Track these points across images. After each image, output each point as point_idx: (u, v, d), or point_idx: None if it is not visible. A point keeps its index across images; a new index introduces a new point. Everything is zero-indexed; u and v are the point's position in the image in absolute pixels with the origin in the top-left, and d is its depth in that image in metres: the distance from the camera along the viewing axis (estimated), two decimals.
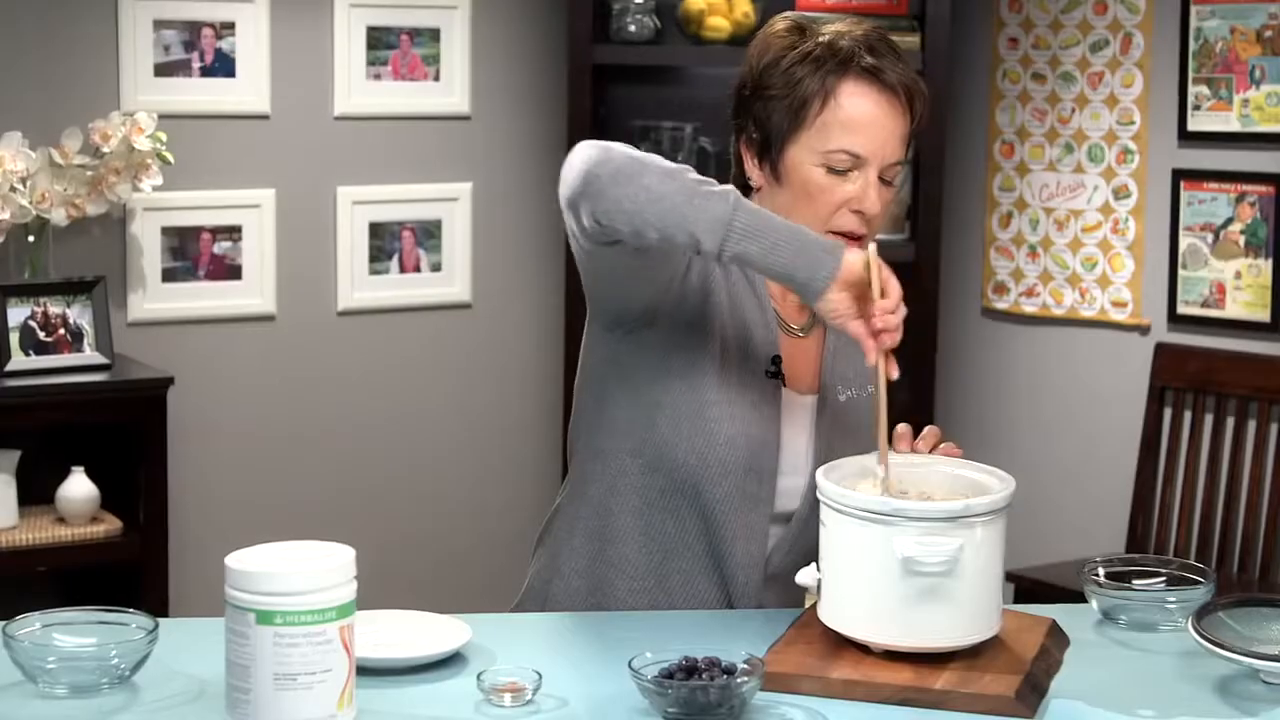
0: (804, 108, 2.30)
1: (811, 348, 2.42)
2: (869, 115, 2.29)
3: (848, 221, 2.31)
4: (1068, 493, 4.66)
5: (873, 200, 2.30)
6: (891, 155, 2.31)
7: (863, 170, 2.29)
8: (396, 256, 4.59)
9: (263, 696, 1.83)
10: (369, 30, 4.49)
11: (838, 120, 2.29)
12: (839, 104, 2.29)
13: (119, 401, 3.96)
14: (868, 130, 2.29)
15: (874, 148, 2.29)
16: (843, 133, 2.29)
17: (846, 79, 2.30)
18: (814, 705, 2.00)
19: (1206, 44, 4.37)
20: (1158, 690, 2.08)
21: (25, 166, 3.93)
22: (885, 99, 2.30)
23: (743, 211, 2.10)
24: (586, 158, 2.16)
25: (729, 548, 2.34)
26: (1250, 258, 4.32)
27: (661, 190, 2.13)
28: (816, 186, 2.30)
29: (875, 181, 2.30)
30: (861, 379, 2.45)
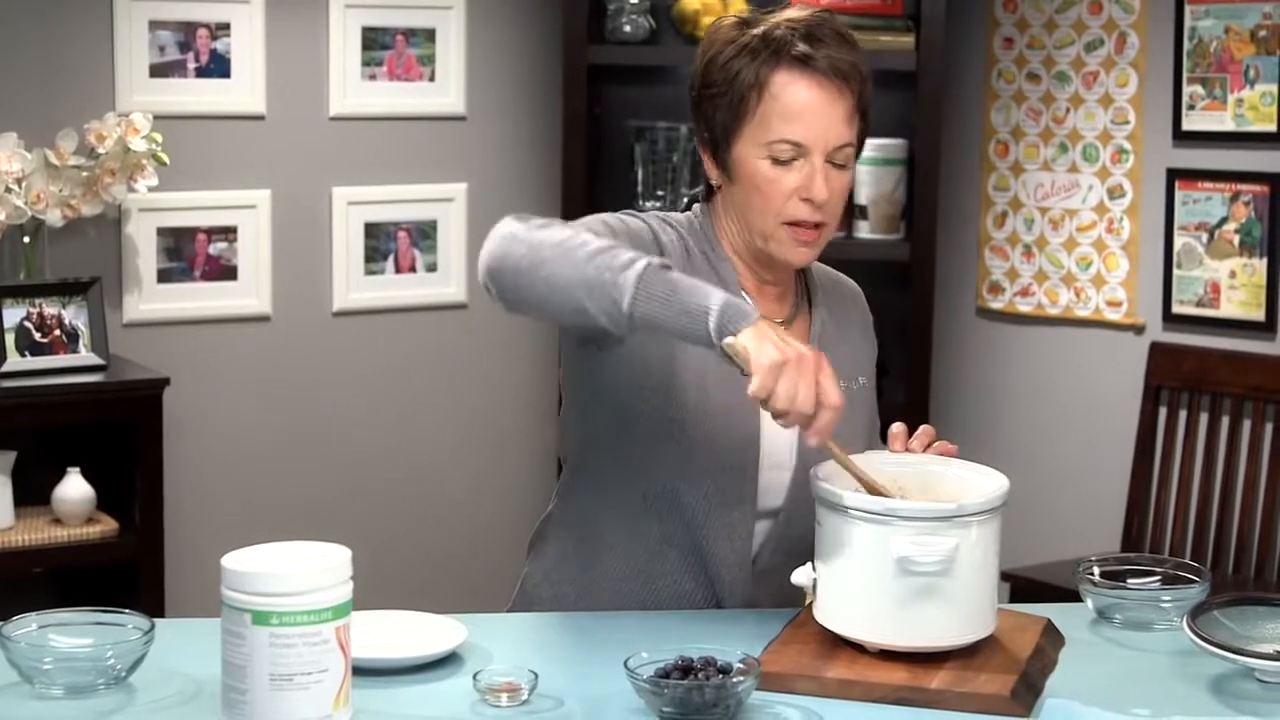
0: (743, 101, 2.30)
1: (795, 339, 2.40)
2: (805, 102, 2.29)
3: (799, 210, 2.30)
4: (1063, 492, 4.67)
5: (820, 186, 2.28)
6: (835, 139, 2.30)
7: (807, 158, 2.29)
8: (392, 257, 4.59)
9: (259, 697, 1.83)
10: (364, 31, 4.49)
11: (775, 111, 2.29)
12: (774, 94, 2.29)
13: (115, 402, 3.96)
14: (806, 118, 2.29)
15: (814, 134, 2.29)
16: (781, 122, 2.29)
17: (779, 68, 2.30)
18: (809, 705, 2.00)
19: (1201, 43, 4.38)
20: (1153, 689, 2.08)
21: (20, 167, 3.93)
22: (820, 84, 2.29)
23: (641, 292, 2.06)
24: (490, 251, 2.16)
25: (713, 546, 2.34)
26: (1245, 257, 4.33)
27: (562, 281, 2.11)
28: (763, 179, 2.30)
29: (822, 167, 2.29)
30: (850, 369, 2.44)
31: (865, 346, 2.55)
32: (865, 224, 4.40)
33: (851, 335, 2.52)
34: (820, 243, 2.34)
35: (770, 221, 2.31)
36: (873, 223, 4.39)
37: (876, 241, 4.40)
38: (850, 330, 2.52)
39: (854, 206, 4.41)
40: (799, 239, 2.32)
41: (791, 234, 2.31)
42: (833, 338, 2.44)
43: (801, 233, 2.31)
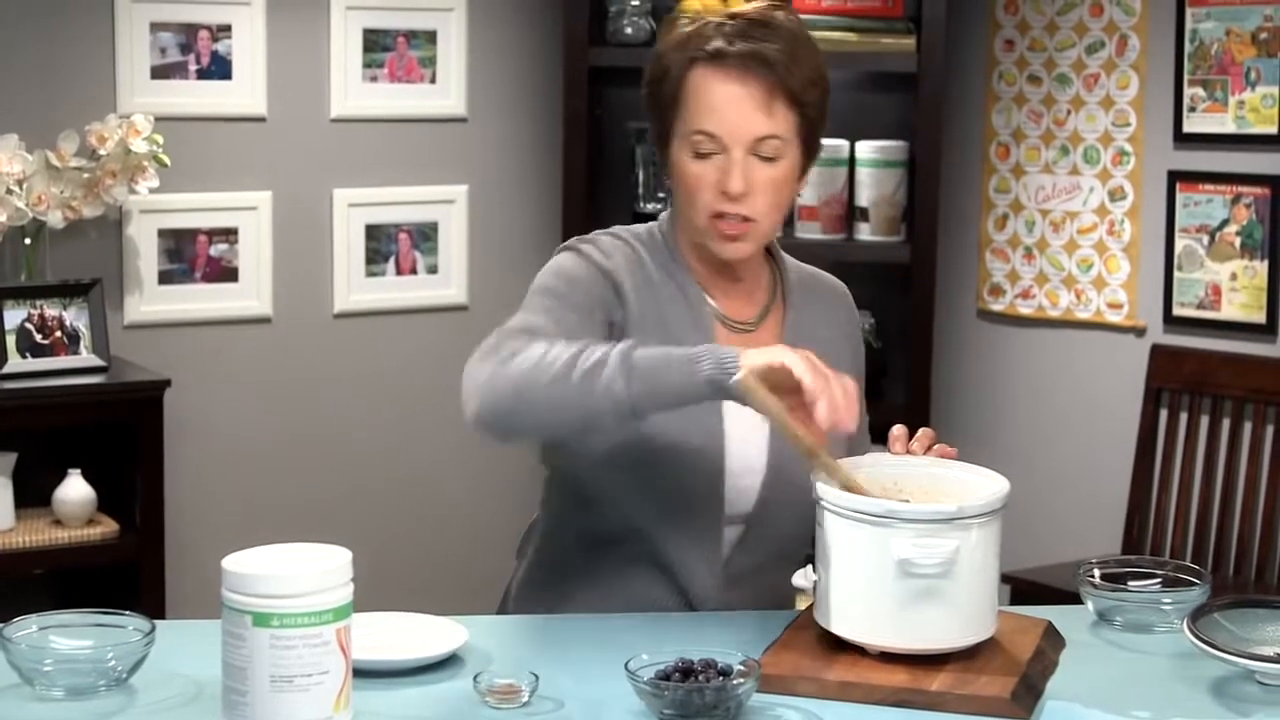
0: (672, 100, 2.32)
1: (766, 341, 2.39)
2: (720, 94, 2.29)
3: (718, 203, 2.29)
4: (1063, 494, 4.66)
5: (735, 179, 2.27)
6: (754, 130, 2.28)
7: (726, 152, 2.28)
8: (393, 259, 4.59)
9: (260, 698, 1.83)
10: (365, 32, 4.49)
11: (692, 105, 2.30)
12: (691, 89, 2.30)
13: (115, 404, 3.96)
14: (720, 108, 2.28)
15: (729, 126, 2.28)
16: (698, 115, 2.30)
17: (697, 64, 2.31)
18: (810, 707, 2.00)
19: (1202, 46, 4.38)
20: (1153, 691, 2.08)
21: (22, 169, 3.93)
22: (734, 77, 2.28)
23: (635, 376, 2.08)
24: (475, 404, 2.19)
25: (683, 555, 2.34)
26: (1246, 259, 4.33)
27: (555, 406, 2.13)
28: (689, 175, 2.31)
29: (741, 160, 2.28)
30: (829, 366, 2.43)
31: (847, 348, 2.52)
32: (866, 226, 4.40)
33: (831, 336, 2.48)
34: (751, 237, 2.32)
35: (699, 217, 2.32)
36: (873, 225, 4.39)
37: (877, 244, 4.40)
38: (830, 331, 2.49)
39: (854, 209, 4.42)
40: (724, 233, 2.31)
41: (717, 228, 2.31)
42: (806, 339, 2.40)
43: (725, 226, 2.30)
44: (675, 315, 2.35)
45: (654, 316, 2.34)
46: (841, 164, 4.41)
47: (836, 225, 4.42)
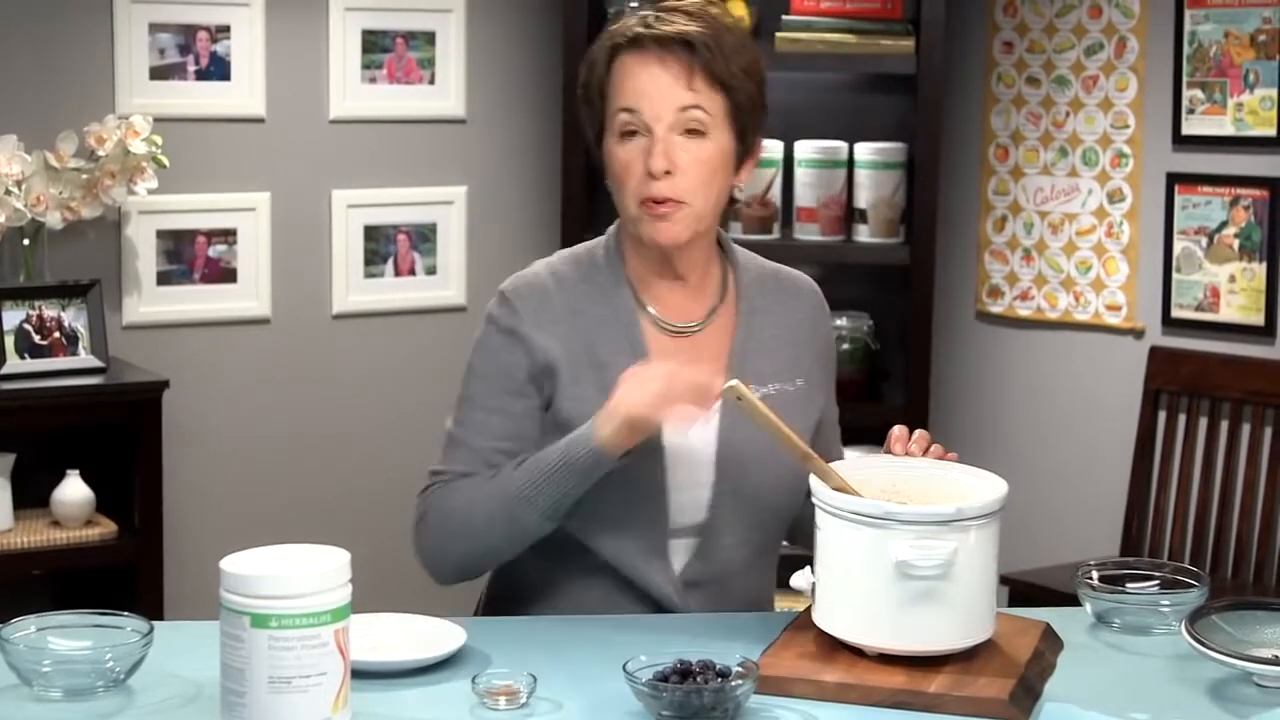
0: (599, 92, 2.34)
1: (711, 347, 2.40)
2: (638, 73, 2.31)
3: (645, 186, 2.29)
4: (1062, 496, 4.66)
5: (658, 157, 2.28)
6: (674, 102, 2.29)
7: (649, 131, 2.29)
8: (391, 260, 4.59)
9: (258, 700, 1.83)
10: (364, 33, 4.49)
11: (617, 88, 2.32)
12: (614, 75, 2.32)
13: (114, 404, 3.96)
14: (639, 85, 2.30)
15: (649, 100, 2.29)
16: (618, 95, 2.32)
17: (619, 53, 2.33)
18: (808, 709, 2.01)
19: (1201, 48, 4.38)
20: (1151, 693, 2.08)
21: (20, 170, 3.93)
22: (654, 55, 2.30)
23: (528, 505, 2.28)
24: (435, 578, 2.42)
25: (640, 568, 2.34)
26: (1244, 261, 4.33)
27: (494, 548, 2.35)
28: (617, 161, 2.32)
29: (664, 137, 2.28)
30: (785, 370, 2.42)
31: (811, 348, 2.49)
32: (865, 228, 4.40)
33: (793, 336, 2.46)
34: (681, 219, 2.31)
35: (630, 204, 2.32)
36: (872, 226, 4.39)
37: (876, 245, 4.40)
38: (792, 331, 2.47)
39: (853, 210, 4.42)
40: (653, 214, 2.30)
41: (647, 211, 2.31)
42: (761, 340, 2.42)
43: (653, 208, 2.30)
44: (603, 340, 2.36)
45: (581, 345, 2.35)
46: (840, 165, 4.41)
47: (835, 227, 4.42)
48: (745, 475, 2.35)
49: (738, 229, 4.42)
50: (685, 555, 2.37)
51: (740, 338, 2.40)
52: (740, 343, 2.40)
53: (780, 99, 4.54)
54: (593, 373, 2.34)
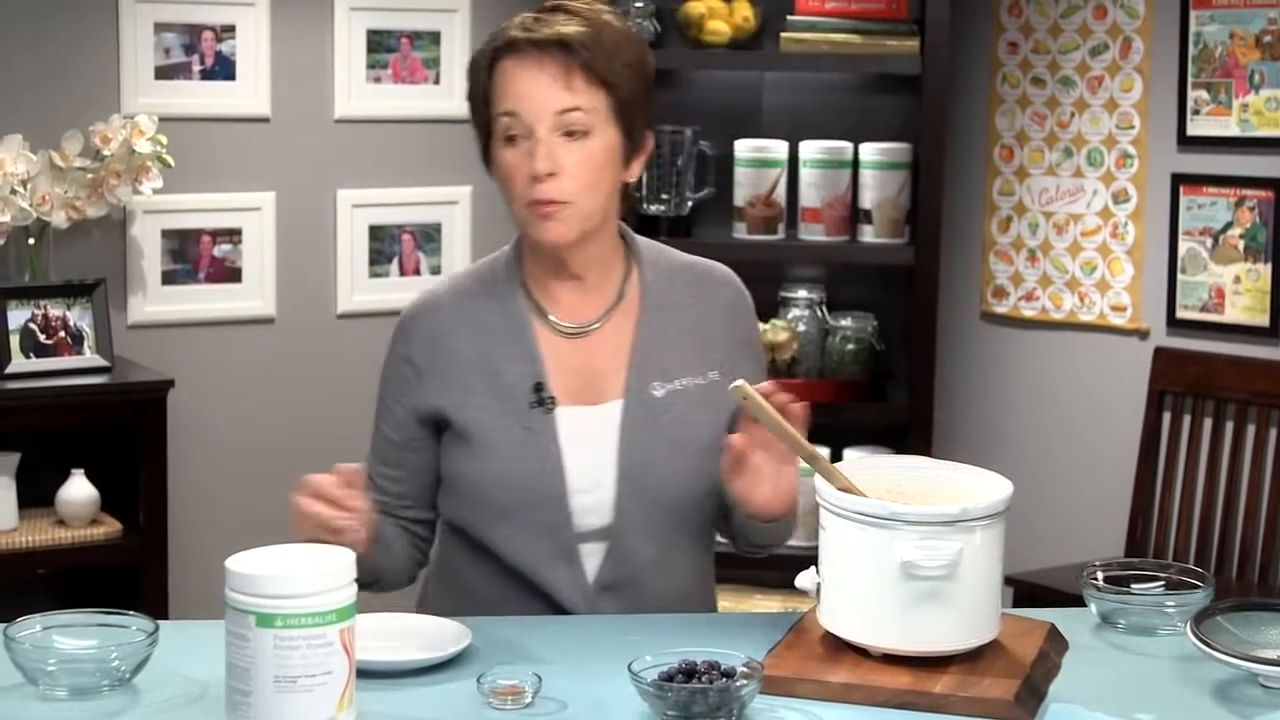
0: (483, 99, 2.36)
1: (611, 347, 2.40)
2: (517, 76, 2.31)
3: (531, 190, 2.30)
4: (1067, 497, 4.66)
5: (540, 159, 2.28)
6: (554, 104, 2.29)
7: (531, 134, 2.30)
8: (396, 259, 4.59)
9: (263, 699, 1.83)
10: (369, 33, 4.50)
11: (498, 94, 2.33)
12: (495, 81, 2.34)
13: (119, 404, 3.97)
14: (518, 88, 2.31)
15: (529, 103, 2.29)
16: (499, 100, 2.33)
17: (499, 59, 2.34)
18: (813, 709, 2.01)
19: (1206, 48, 4.37)
20: (1156, 694, 2.08)
21: (26, 169, 3.94)
22: (532, 58, 2.31)
23: None
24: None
25: (547, 575, 2.35)
26: (1249, 262, 4.32)
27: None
28: (505, 165, 2.33)
29: (546, 139, 2.29)
30: (695, 364, 2.40)
31: (727, 339, 2.45)
32: (870, 228, 4.40)
33: (704, 329, 2.44)
34: (567, 219, 2.31)
35: (518, 207, 2.33)
36: (877, 227, 4.39)
37: (881, 246, 4.40)
38: (703, 324, 2.44)
39: (858, 211, 4.42)
40: (539, 215, 2.31)
41: (534, 212, 2.31)
42: (667, 335, 2.41)
43: (539, 209, 2.30)
44: (498, 348, 2.38)
45: (476, 358, 2.38)
46: (845, 166, 4.41)
47: (840, 227, 4.42)
48: (649, 474, 2.34)
49: (742, 229, 4.42)
50: (597, 558, 2.37)
51: (642, 334, 2.40)
52: (642, 339, 2.39)
53: (785, 99, 4.62)
54: (487, 381, 2.36)
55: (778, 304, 4.49)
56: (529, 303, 2.40)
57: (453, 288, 2.45)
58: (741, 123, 4.54)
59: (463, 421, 2.36)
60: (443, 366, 2.38)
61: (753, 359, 2.49)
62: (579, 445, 2.35)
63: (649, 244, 2.49)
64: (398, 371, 2.44)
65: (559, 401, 2.35)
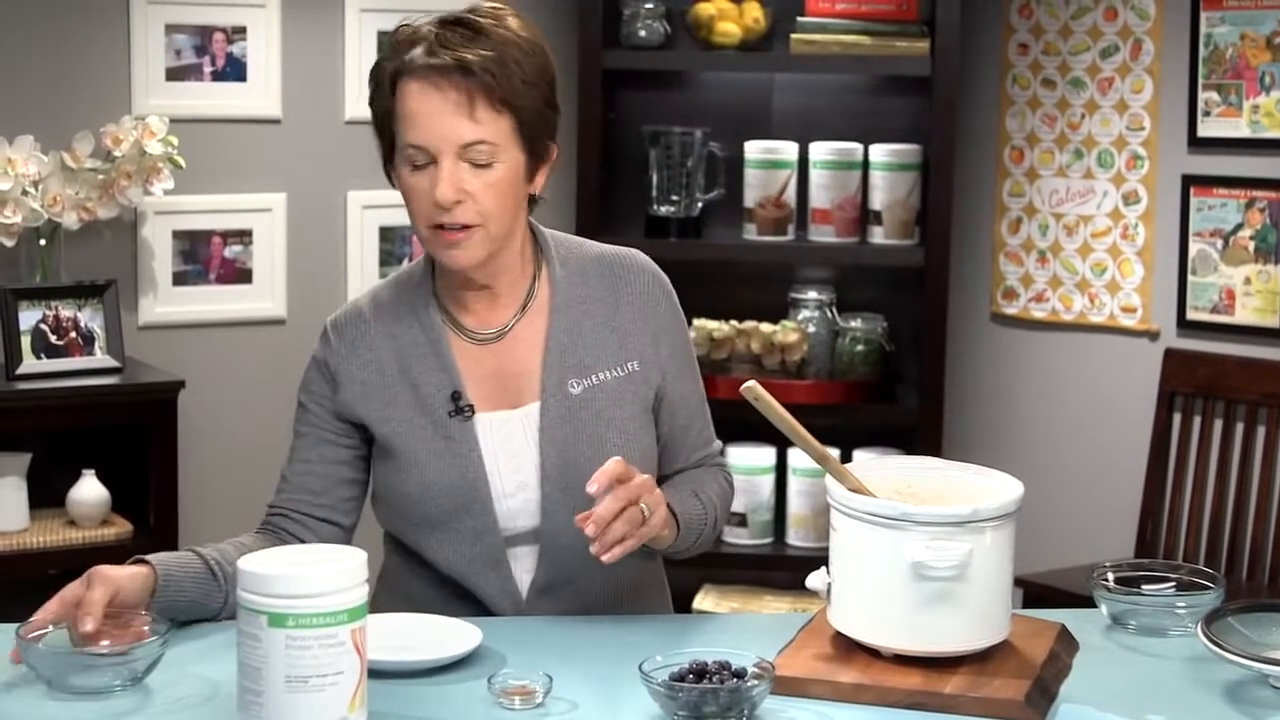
0: (385, 113, 2.33)
1: (522, 349, 2.40)
2: (420, 106, 2.28)
3: (437, 216, 2.29)
4: (1077, 498, 4.66)
5: (443, 189, 2.26)
6: (458, 137, 2.26)
7: (436, 161, 2.28)
8: (406, 260, 4.59)
9: (275, 698, 1.84)
10: (379, 34, 4.50)
11: (403, 118, 2.30)
12: (399, 102, 2.30)
13: (130, 405, 3.97)
14: (421, 121, 2.28)
15: (433, 137, 2.27)
16: (406, 129, 2.30)
17: (400, 78, 2.30)
18: (824, 709, 2.01)
19: (1216, 50, 4.37)
20: (1167, 695, 2.08)
21: (37, 170, 3.95)
22: (433, 84, 2.27)
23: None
24: None
25: (477, 582, 2.35)
26: (1260, 263, 4.32)
27: None
28: (409, 188, 2.32)
29: (450, 168, 2.26)
30: (613, 358, 2.39)
31: (644, 327, 2.42)
32: (880, 229, 4.40)
33: (617, 320, 2.42)
34: (475, 243, 2.30)
35: (421, 228, 2.32)
36: (887, 228, 4.39)
37: (891, 247, 4.40)
38: (618, 315, 2.42)
39: (868, 212, 4.42)
40: (445, 241, 2.30)
41: (439, 238, 2.30)
42: (580, 330, 2.39)
43: (445, 235, 2.30)
44: (415, 359, 2.38)
45: (396, 369, 2.38)
46: (855, 167, 4.41)
47: (850, 228, 4.42)
48: (571, 473, 2.32)
49: (752, 230, 4.43)
50: (530, 561, 2.37)
51: (554, 332, 2.39)
52: (555, 338, 2.39)
53: (795, 100, 4.63)
54: (409, 393, 2.37)
55: (788, 305, 4.50)
56: (441, 313, 2.40)
57: (373, 300, 2.45)
58: (751, 124, 4.55)
59: (385, 435, 2.38)
60: (363, 375, 2.40)
61: (677, 345, 2.46)
62: (501, 450, 2.36)
63: (561, 239, 2.47)
64: (319, 375, 2.47)
65: (477, 409, 2.36)
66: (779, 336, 4.35)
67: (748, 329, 4.35)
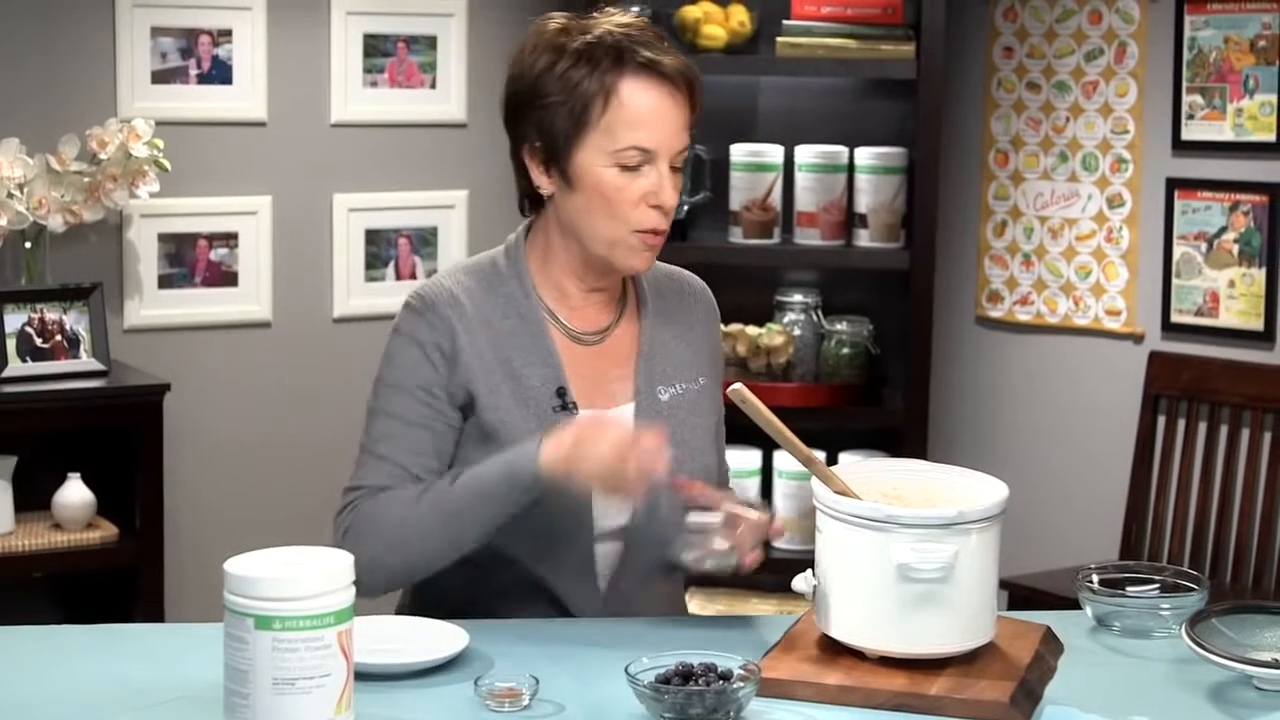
0: (586, 110, 2.30)
1: (619, 352, 2.42)
2: (653, 108, 2.29)
3: (648, 218, 2.31)
4: (1062, 500, 4.67)
5: (669, 193, 2.30)
6: (678, 144, 2.32)
7: (654, 164, 2.30)
8: (392, 263, 4.60)
9: (261, 701, 1.84)
10: (366, 38, 4.50)
11: (623, 118, 2.29)
12: (621, 102, 2.29)
13: (115, 408, 3.97)
14: (653, 123, 2.29)
15: (662, 140, 2.29)
16: (629, 130, 2.29)
17: (625, 75, 2.30)
18: (809, 711, 2.01)
19: (1200, 53, 4.38)
20: (1151, 696, 2.09)
21: (23, 173, 3.94)
22: (666, 90, 2.30)
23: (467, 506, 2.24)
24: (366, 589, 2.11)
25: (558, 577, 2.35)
26: (1244, 267, 4.33)
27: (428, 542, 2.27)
28: (612, 187, 2.30)
29: (668, 173, 2.30)
30: (688, 370, 2.44)
31: (707, 346, 2.51)
32: (865, 232, 4.41)
33: (690, 336, 2.48)
34: (660, 247, 2.35)
35: (620, 229, 2.31)
36: (872, 231, 4.40)
37: (876, 250, 4.40)
38: (689, 331, 2.49)
39: (854, 215, 4.42)
40: (648, 244, 2.32)
41: (641, 240, 2.31)
42: (663, 340, 2.43)
43: (650, 239, 2.32)
44: (515, 347, 2.36)
45: (493, 355, 2.35)
46: (841, 170, 4.42)
47: (835, 231, 4.42)
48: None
49: (738, 233, 4.43)
50: (612, 561, 2.37)
51: (645, 341, 2.42)
52: (646, 346, 2.42)
53: (781, 103, 4.63)
54: (509, 384, 2.34)
55: (773, 308, 4.50)
56: (542, 308, 2.39)
57: (458, 284, 2.39)
58: (737, 127, 4.55)
59: (490, 421, 2.33)
60: (464, 360, 2.34)
61: (721, 371, 2.55)
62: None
63: None
64: (420, 358, 2.34)
65: (578, 405, 2.36)
66: (765, 339, 4.35)
67: (733, 332, 4.36)
